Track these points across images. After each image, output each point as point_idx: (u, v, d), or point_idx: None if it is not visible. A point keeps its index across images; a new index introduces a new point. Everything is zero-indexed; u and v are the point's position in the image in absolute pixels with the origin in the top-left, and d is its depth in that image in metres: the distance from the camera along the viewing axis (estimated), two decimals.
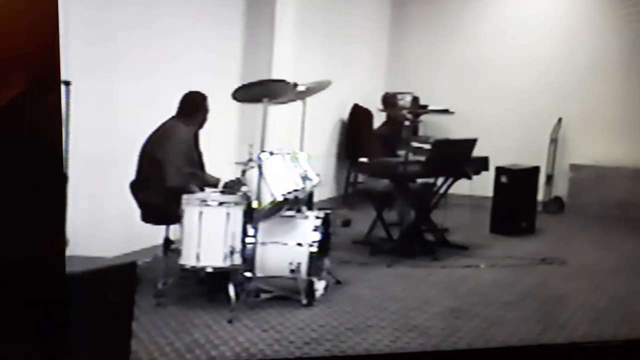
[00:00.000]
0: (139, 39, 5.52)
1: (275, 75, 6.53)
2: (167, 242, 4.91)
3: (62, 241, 2.75)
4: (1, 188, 2.49)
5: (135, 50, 5.49)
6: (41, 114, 2.53)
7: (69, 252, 2.92)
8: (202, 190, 4.92)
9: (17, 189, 2.53)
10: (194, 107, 5.01)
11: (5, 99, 2.45)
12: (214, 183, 5.03)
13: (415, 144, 6.59)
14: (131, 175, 4.91)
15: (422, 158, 6.30)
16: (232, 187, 4.87)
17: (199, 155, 5.13)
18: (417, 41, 9.61)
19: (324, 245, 5.00)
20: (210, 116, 5.12)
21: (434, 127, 9.12)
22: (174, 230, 4.86)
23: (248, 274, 4.63)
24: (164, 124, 4.95)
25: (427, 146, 6.48)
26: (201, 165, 5.13)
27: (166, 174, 4.77)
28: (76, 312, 2.85)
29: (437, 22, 9.53)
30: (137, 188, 4.89)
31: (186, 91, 5.06)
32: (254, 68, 6.73)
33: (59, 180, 2.86)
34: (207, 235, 4.54)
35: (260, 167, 4.65)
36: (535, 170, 7.77)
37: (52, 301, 2.66)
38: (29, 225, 2.57)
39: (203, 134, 5.15)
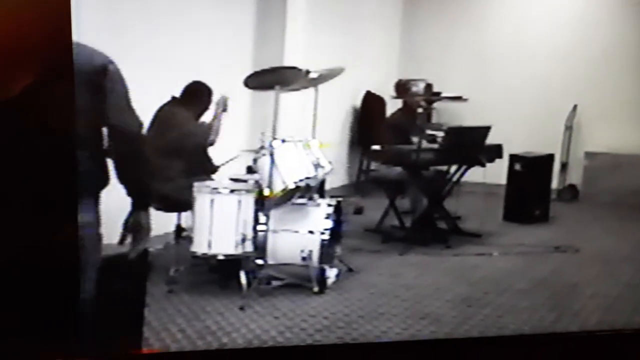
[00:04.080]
0: (148, 26, 5.51)
1: (287, 62, 6.51)
2: (179, 229, 4.93)
3: (74, 230, 2.76)
4: (14, 178, 2.50)
5: (145, 37, 5.48)
6: (53, 105, 2.53)
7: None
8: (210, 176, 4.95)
9: (29, 178, 2.53)
10: (196, 98, 5.03)
11: (17, 89, 2.45)
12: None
13: (428, 131, 6.55)
14: None
15: (435, 145, 6.27)
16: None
17: None
18: (430, 28, 9.55)
19: (336, 233, 5.00)
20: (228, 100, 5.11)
21: (448, 115, 9.07)
22: (185, 218, 4.87)
23: (260, 262, 4.64)
24: (164, 110, 4.94)
25: (441, 133, 6.43)
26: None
27: (174, 160, 4.80)
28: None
29: (450, 9, 9.45)
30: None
31: (191, 80, 5.06)
32: (265, 55, 6.71)
33: (71, 169, 2.86)
34: (219, 222, 4.55)
35: (272, 154, 4.65)
36: (550, 157, 7.71)
37: (65, 288, 2.68)
38: (41, 214, 2.58)
39: None
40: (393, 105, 7.72)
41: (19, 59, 2.45)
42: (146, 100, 5.29)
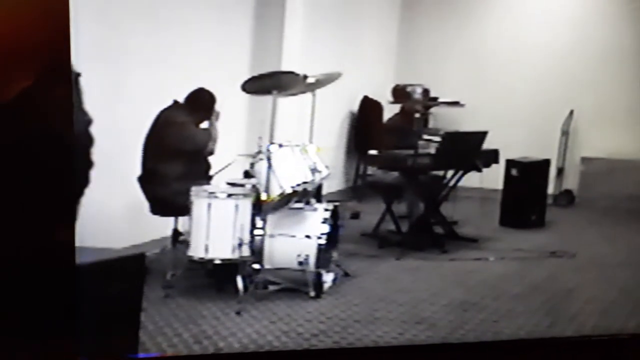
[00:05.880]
0: (146, 30, 5.52)
1: (284, 67, 6.52)
2: (176, 233, 4.93)
3: (72, 232, 2.76)
4: (13, 180, 2.51)
5: (143, 41, 5.49)
6: (52, 106, 2.54)
7: (78, 243, 2.93)
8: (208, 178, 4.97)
9: (28, 180, 2.54)
10: (199, 104, 5.04)
11: (16, 91, 2.46)
12: None
13: (425, 136, 6.57)
14: (139, 166, 4.93)
15: (432, 150, 6.29)
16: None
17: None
18: (428, 33, 9.57)
19: (333, 237, 5.00)
20: (220, 108, 5.13)
21: (445, 120, 9.08)
22: (182, 222, 4.87)
23: (256, 266, 4.64)
24: (164, 115, 4.95)
25: (437, 138, 6.45)
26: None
27: (172, 164, 4.81)
28: (85, 302, 2.86)
29: (447, 13, 9.48)
30: (145, 181, 4.91)
31: (197, 87, 5.07)
32: (263, 59, 6.72)
33: (70, 172, 2.87)
34: (216, 227, 4.56)
35: (269, 159, 4.66)
36: (546, 163, 7.72)
37: (62, 291, 2.68)
38: (39, 216, 2.58)
39: None
40: (390, 110, 7.74)
41: (18, 61, 2.46)
42: (144, 105, 5.34)
